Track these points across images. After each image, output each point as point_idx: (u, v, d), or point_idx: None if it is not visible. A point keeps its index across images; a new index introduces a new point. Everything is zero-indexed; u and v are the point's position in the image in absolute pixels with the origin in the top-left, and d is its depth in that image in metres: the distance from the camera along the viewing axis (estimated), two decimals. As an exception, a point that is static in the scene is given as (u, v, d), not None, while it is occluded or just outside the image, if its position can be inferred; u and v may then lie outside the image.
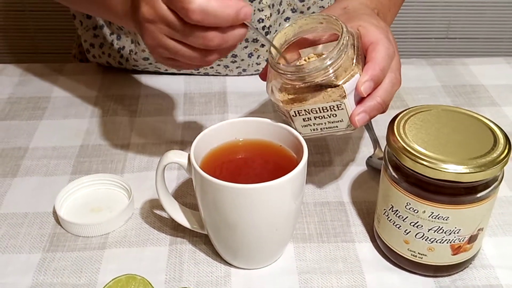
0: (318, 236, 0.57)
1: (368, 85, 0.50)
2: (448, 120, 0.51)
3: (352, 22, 0.54)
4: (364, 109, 0.51)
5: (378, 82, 0.51)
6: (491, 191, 0.48)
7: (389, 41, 0.53)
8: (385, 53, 0.51)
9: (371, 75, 0.50)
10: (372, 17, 0.56)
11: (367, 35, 0.53)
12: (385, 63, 0.51)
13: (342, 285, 0.52)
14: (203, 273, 0.53)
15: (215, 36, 0.48)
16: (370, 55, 0.51)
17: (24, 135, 0.72)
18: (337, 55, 0.49)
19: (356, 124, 0.51)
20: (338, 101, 0.50)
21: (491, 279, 0.52)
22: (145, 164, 0.67)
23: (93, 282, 0.52)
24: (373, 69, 0.50)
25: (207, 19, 0.47)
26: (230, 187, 0.46)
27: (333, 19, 0.51)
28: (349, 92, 0.50)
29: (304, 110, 0.51)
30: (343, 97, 0.50)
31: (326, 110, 0.51)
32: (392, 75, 0.52)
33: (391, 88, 0.52)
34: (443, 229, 0.48)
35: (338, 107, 0.51)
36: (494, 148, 0.47)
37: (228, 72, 0.84)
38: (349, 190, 0.63)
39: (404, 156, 0.47)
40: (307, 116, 0.52)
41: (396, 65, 0.53)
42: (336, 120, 0.52)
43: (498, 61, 0.89)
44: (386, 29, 0.55)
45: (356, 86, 0.50)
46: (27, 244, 0.56)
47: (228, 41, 0.49)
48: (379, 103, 0.51)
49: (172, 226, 0.58)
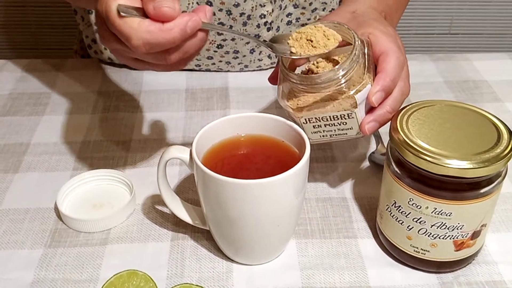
0: (320, 232, 0.57)
1: (380, 96, 0.51)
2: (451, 116, 0.50)
3: (362, 29, 0.55)
4: (374, 118, 0.52)
5: (388, 92, 0.52)
6: (495, 186, 0.47)
7: (399, 49, 0.54)
8: (396, 64, 0.52)
9: (382, 86, 0.51)
10: (381, 23, 0.56)
11: (377, 44, 0.53)
12: (395, 73, 0.52)
13: (344, 281, 0.52)
14: (205, 269, 0.53)
15: (172, 54, 0.47)
16: (381, 65, 0.52)
17: (26, 131, 0.72)
18: (349, 65, 0.49)
19: (366, 132, 0.52)
20: (349, 110, 0.51)
21: (494, 275, 0.52)
22: (146, 160, 0.67)
23: (95, 278, 0.52)
24: (384, 80, 0.51)
25: (155, 48, 0.45)
26: (232, 183, 0.46)
27: (345, 28, 0.52)
28: (360, 101, 0.51)
29: (314, 118, 0.52)
30: (354, 106, 0.50)
31: (337, 118, 0.52)
32: (402, 84, 0.53)
33: (400, 97, 0.53)
34: (446, 225, 0.48)
35: (349, 116, 0.51)
36: (498, 144, 0.47)
37: (230, 68, 0.84)
38: (352, 186, 0.63)
39: (407, 152, 0.47)
40: (317, 123, 0.52)
41: (405, 73, 0.54)
42: (346, 128, 0.53)
43: (501, 56, 0.89)
44: (395, 35, 0.56)
45: (368, 96, 0.51)
46: (29, 239, 0.56)
47: (189, 51, 0.48)
48: (388, 112, 0.52)
49: (174, 222, 0.58)
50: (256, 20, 0.76)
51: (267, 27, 0.77)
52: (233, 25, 0.76)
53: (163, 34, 0.45)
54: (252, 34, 0.78)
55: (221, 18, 0.75)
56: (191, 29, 0.46)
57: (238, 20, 0.75)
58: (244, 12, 0.74)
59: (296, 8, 0.79)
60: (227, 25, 0.76)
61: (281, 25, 0.79)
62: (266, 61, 0.83)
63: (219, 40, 0.78)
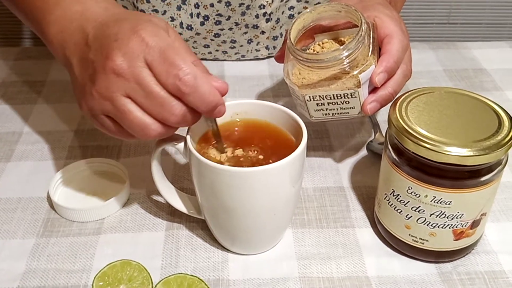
0: (317, 222, 0.56)
1: (383, 76, 0.52)
2: (451, 102, 0.50)
3: (368, 12, 0.56)
4: (376, 98, 0.53)
5: (391, 73, 0.53)
6: (495, 175, 0.47)
7: (403, 33, 0.55)
8: (400, 46, 0.53)
9: (386, 67, 0.52)
10: (386, 7, 0.58)
11: (382, 27, 0.54)
12: (399, 55, 0.53)
13: (341, 271, 0.51)
14: (200, 258, 0.52)
15: (180, 111, 0.45)
16: (386, 47, 0.53)
17: (18, 119, 0.71)
18: (355, 46, 0.50)
19: (368, 112, 0.53)
20: (352, 90, 0.52)
21: (493, 265, 0.51)
22: (141, 148, 0.66)
23: (88, 268, 0.51)
24: (387, 61, 0.52)
25: (191, 96, 0.44)
26: (227, 171, 0.45)
27: (352, 9, 0.53)
28: (364, 81, 0.52)
29: (319, 96, 0.53)
30: (357, 86, 0.51)
31: (340, 97, 0.53)
32: (404, 66, 0.55)
33: (402, 79, 0.55)
34: (445, 214, 0.47)
35: (352, 95, 0.52)
36: (499, 131, 0.46)
37: (227, 57, 0.82)
38: (349, 175, 0.62)
39: (406, 139, 0.46)
40: (321, 101, 0.53)
41: (408, 57, 0.56)
42: (348, 107, 0.54)
43: (500, 45, 0.88)
44: (400, 20, 0.57)
45: (371, 77, 0.52)
46: (21, 229, 0.55)
47: (186, 121, 0.46)
48: (390, 93, 0.54)
49: (168, 211, 0.57)
50: (255, 10, 0.75)
51: (266, 18, 0.76)
52: (232, 15, 0.75)
53: (210, 91, 0.45)
54: (250, 24, 0.76)
55: (219, 10, 0.74)
56: (219, 112, 0.47)
57: (236, 10, 0.74)
58: (243, 2, 0.73)
59: (299, 1, 0.78)
60: (225, 16, 0.74)
61: (281, 17, 0.78)
62: (264, 51, 0.82)
63: (216, 29, 0.76)
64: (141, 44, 0.44)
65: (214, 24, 0.76)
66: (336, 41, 0.57)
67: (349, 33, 0.56)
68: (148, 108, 0.44)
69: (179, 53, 0.44)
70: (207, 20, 0.75)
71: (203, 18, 0.75)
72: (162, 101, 0.44)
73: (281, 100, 0.73)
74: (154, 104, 0.44)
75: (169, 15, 0.75)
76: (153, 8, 0.74)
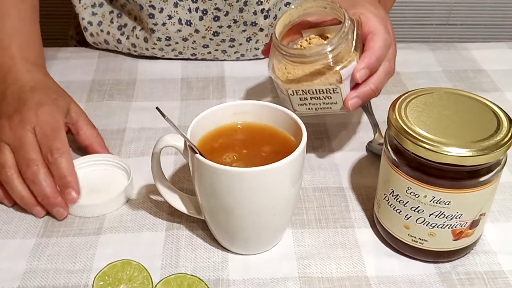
0: (317, 222, 0.56)
1: (364, 73, 0.53)
2: (450, 103, 0.50)
3: (354, 9, 0.57)
4: (358, 94, 0.54)
5: (373, 70, 0.54)
6: (494, 175, 0.47)
7: (387, 31, 0.56)
8: (382, 43, 0.54)
9: (367, 64, 0.53)
10: (373, 5, 0.59)
11: (367, 24, 0.55)
12: (381, 52, 0.54)
13: (341, 271, 0.51)
14: (200, 258, 0.52)
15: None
16: (368, 44, 0.54)
17: (19, 119, 0.71)
18: (338, 42, 0.51)
19: (349, 107, 0.54)
20: (334, 85, 0.53)
21: (492, 265, 0.52)
22: (141, 149, 0.66)
23: (88, 268, 0.51)
24: (369, 58, 0.53)
25: (52, 166, 0.56)
26: (228, 171, 0.46)
27: (337, 6, 0.54)
28: (346, 77, 0.53)
29: (301, 91, 0.54)
30: (339, 81, 0.53)
31: (322, 92, 0.54)
32: (387, 64, 0.56)
33: (384, 76, 0.56)
34: (444, 214, 0.48)
35: (334, 90, 0.53)
36: (498, 131, 0.46)
37: (226, 57, 0.83)
38: (349, 176, 0.62)
39: (406, 139, 0.46)
40: (304, 96, 0.54)
41: (391, 54, 0.57)
42: (331, 102, 0.55)
43: (499, 46, 0.88)
44: (386, 18, 0.58)
45: (353, 73, 0.53)
46: (21, 229, 0.55)
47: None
48: (372, 90, 0.55)
49: (168, 212, 0.57)
50: (253, 7, 0.75)
51: (264, 14, 0.76)
52: (230, 11, 0.75)
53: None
54: (248, 21, 0.77)
55: (217, 3, 0.74)
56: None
57: (234, 6, 0.74)
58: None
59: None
60: (223, 11, 0.75)
61: (279, 13, 0.78)
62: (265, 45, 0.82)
63: (215, 27, 0.77)
64: (35, 116, 0.58)
65: (213, 20, 0.76)
66: (323, 37, 0.57)
67: (336, 29, 0.57)
68: (21, 168, 0.56)
69: (58, 134, 0.58)
70: (205, 15, 0.75)
71: (202, 12, 0.75)
72: (31, 163, 0.56)
73: (280, 101, 0.74)
74: (24, 163, 0.56)
75: (166, 13, 0.75)
76: (150, 3, 0.75)
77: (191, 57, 0.83)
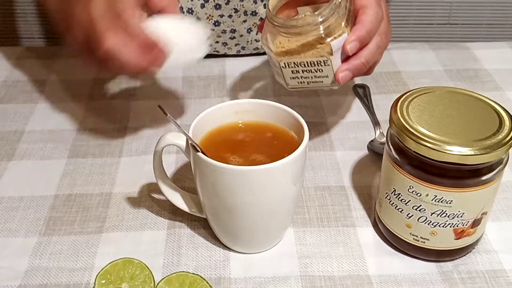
0: (318, 221, 0.56)
1: (354, 45, 0.53)
2: (452, 102, 0.50)
3: None
4: (348, 67, 0.54)
5: (364, 43, 0.54)
6: (496, 174, 0.47)
7: (379, 5, 0.56)
8: (374, 17, 0.55)
9: (358, 36, 0.53)
10: None
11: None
12: (372, 26, 0.54)
13: (342, 270, 0.51)
14: (201, 257, 0.52)
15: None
16: (360, 17, 0.55)
17: (20, 118, 0.71)
18: (328, 13, 0.52)
19: (340, 80, 0.54)
20: (325, 57, 0.53)
21: (494, 264, 0.52)
22: (143, 147, 0.66)
23: (90, 266, 0.51)
24: (360, 31, 0.54)
25: (116, 61, 0.53)
26: (229, 169, 0.46)
27: None
28: (336, 49, 0.53)
29: (293, 63, 0.55)
30: (330, 53, 0.53)
31: (314, 64, 0.54)
32: (378, 38, 0.56)
33: (376, 50, 0.56)
34: (446, 213, 0.48)
35: (325, 62, 0.54)
36: (500, 130, 0.46)
37: (227, 50, 0.82)
38: (350, 175, 0.62)
39: (408, 138, 0.46)
40: (295, 68, 0.55)
41: (383, 29, 0.57)
42: (322, 75, 0.55)
43: (501, 45, 0.88)
44: None
45: (343, 45, 0.53)
46: (23, 227, 0.55)
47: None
48: (362, 63, 0.55)
49: (170, 210, 0.57)
50: None
51: (264, 3, 0.77)
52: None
53: (133, 57, 0.53)
54: (249, 10, 0.77)
55: None
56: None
57: None
58: None
59: None
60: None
61: None
62: None
63: (216, 16, 0.77)
64: None
65: (214, 8, 0.76)
66: None
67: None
68: None
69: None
70: (207, 2, 0.75)
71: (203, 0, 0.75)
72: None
73: (282, 99, 0.74)
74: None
75: None
76: None
77: None
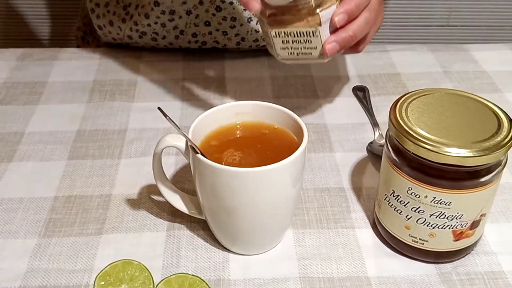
0: (317, 222, 0.56)
1: (342, 17, 0.55)
2: (451, 104, 0.50)
3: None
4: (336, 39, 0.56)
5: (352, 16, 0.56)
6: (495, 175, 0.47)
7: None
8: None
9: (346, 9, 0.55)
10: None
11: None
12: (361, 0, 0.56)
13: (342, 271, 0.51)
14: (201, 258, 0.52)
15: None
16: None
17: (20, 119, 0.71)
18: None
19: (327, 52, 0.56)
20: (314, 28, 0.55)
21: (493, 265, 0.52)
22: (142, 149, 0.66)
23: (90, 268, 0.51)
24: (348, 4, 0.55)
25: None
26: (229, 171, 0.46)
27: None
28: (325, 20, 0.55)
29: (283, 33, 0.56)
30: (318, 24, 0.54)
31: (303, 35, 0.56)
32: (367, 13, 0.57)
33: (364, 25, 0.57)
34: (445, 215, 0.48)
35: (314, 33, 0.55)
36: (498, 132, 0.46)
37: (227, 41, 0.82)
38: (350, 176, 0.62)
39: (406, 140, 0.46)
40: (285, 39, 0.57)
41: (374, 5, 0.58)
42: (311, 47, 0.57)
43: (500, 47, 0.88)
44: None
45: (331, 17, 0.55)
46: (23, 229, 0.55)
47: None
48: (350, 36, 0.56)
49: (169, 212, 0.57)
50: None
51: None
52: None
53: None
54: None
55: None
56: None
57: None
58: None
59: None
60: None
61: None
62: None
63: (218, 1, 0.77)
64: None
65: None
66: None
67: None
68: None
69: None
70: None
71: None
72: None
73: (281, 101, 0.74)
74: None
75: None
76: None
77: (192, 39, 0.82)
